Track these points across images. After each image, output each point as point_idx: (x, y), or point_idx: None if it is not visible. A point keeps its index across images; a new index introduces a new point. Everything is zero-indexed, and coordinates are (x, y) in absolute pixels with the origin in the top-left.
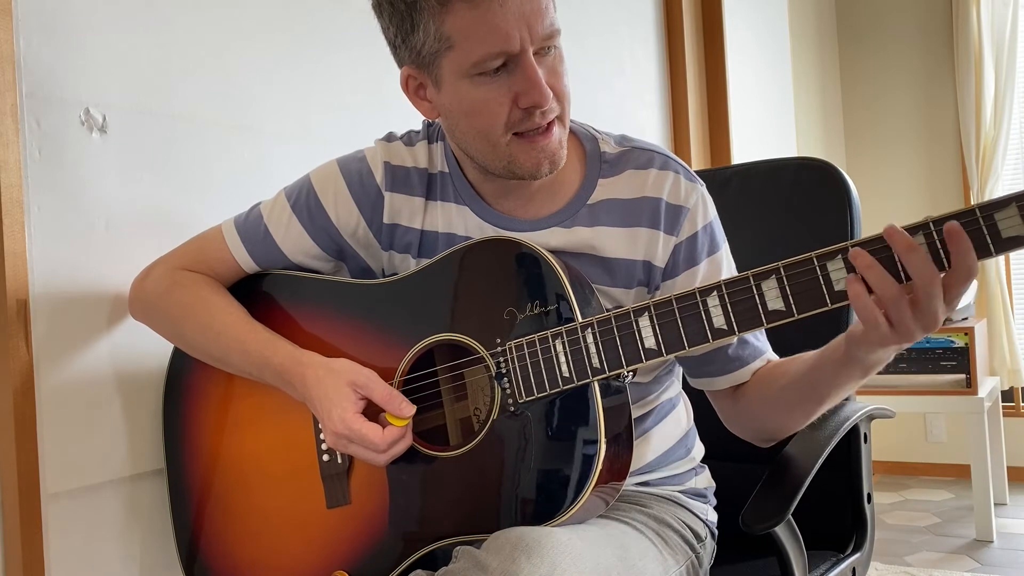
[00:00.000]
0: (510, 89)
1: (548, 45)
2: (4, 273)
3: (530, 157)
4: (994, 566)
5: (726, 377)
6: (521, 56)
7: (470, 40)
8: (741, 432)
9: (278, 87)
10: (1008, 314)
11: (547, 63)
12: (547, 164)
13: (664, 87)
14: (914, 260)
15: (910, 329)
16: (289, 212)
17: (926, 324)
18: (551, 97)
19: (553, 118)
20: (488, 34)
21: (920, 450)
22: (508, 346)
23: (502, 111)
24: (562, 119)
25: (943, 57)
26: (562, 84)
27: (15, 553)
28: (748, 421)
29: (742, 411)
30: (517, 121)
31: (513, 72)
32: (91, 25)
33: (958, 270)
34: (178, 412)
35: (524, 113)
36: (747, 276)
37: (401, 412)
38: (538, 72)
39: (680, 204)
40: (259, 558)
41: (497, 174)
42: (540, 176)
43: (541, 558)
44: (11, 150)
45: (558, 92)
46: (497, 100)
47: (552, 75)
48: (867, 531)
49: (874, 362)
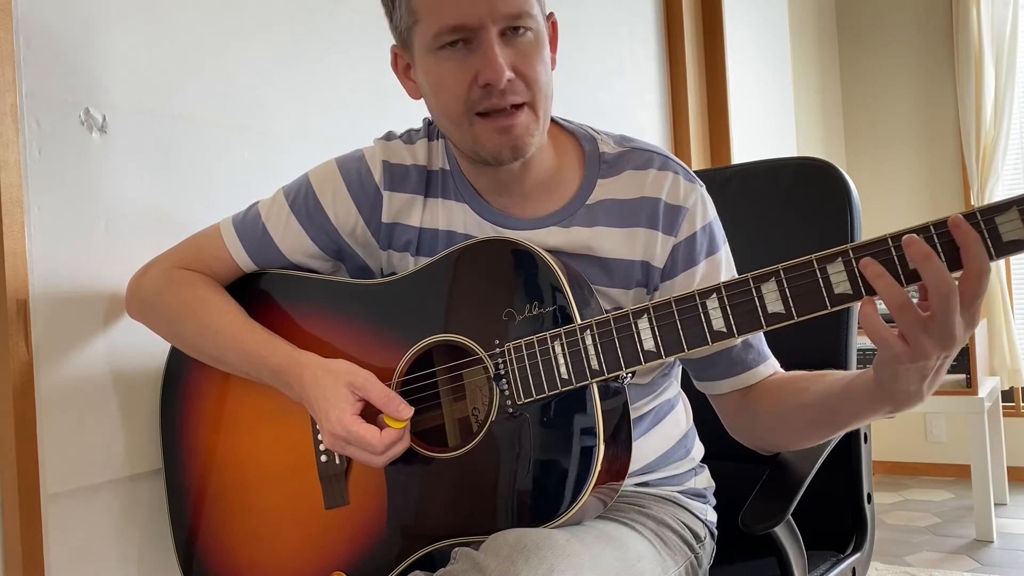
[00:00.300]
0: (471, 66)
1: (517, 26)
2: (4, 273)
3: (491, 139)
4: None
5: (729, 381)
6: (481, 32)
7: (431, 13)
8: (744, 439)
9: (278, 87)
10: (1008, 314)
11: (517, 45)
12: (509, 149)
13: (664, 87)
14: (930, 269)
15: (923, 344)
16: (287, 211)
17: (944, 339)
18: (506, 76)
19: (521, 103)
20: (446, 6)
21: (920, 450)
22: (507, 347)
23: (461, 88)
24: (533, 107)
25: (943, 57)
26: (533, 70)
27: (15, 553)
28: (754, 430)
29: (749, 419)
30: (477, 100)
31: (475, 49)
32: (91, 25)
33: (969, 267)
34: (176, 412)
35: (483, 92)
36: (747, 278)
37: (399, 414)
38: (495, 49)
39: (679, 204)
40: (257, 558)
41: (470, 157)
42: (503, 161)
43: (539, 560)
44: (11, 150)
45: (526, 77)
46: (457, 76)
47: (521, 58)
48: (867, 531)
49: (902, 394)
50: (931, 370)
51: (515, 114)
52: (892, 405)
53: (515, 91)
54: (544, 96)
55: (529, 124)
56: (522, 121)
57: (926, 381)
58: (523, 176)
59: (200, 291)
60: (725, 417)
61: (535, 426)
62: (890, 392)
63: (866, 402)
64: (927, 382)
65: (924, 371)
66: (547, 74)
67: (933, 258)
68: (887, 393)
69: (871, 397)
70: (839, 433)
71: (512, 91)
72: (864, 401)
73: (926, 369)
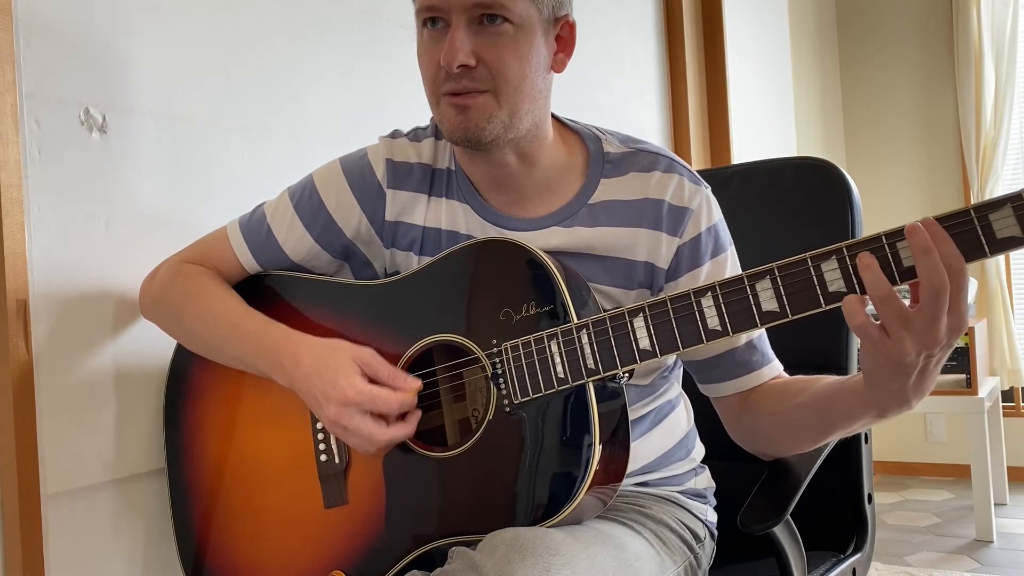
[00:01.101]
0: (440, 48)
1: (493, 14)
2: (4, 273)
3: (448, 117)
4: (994, 566)
5: (731, 383)
6: (451, 15)
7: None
8: (745, 443)
9: (278, 87)
10: (1008, 314)
11: (488, 34)
12: (461, 130)
13: (664, 87)
14: (927, 262)
15: (902, 338)
16: (292, 212)
17: (925, 337)
18: (459, 61)
19: (484, 89)
20: None
21: (920, 450)
22: (504, 347)
23: (432, 67)
24: (497, 96)
25: (943, 57)
26: (499, 60)
27: (15, 553)
28: (754, 432)
29: (750, 422)
30: (441, 80)
31: (448, 33)
32: (91, 25)
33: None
34: (179, 412)
35: (443, 74)
36: (741, 277)
37: (408, 385)
38: (456, 35)
39: (684, 205)
40: (257, 558)
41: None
42: (456, 141)
43: (535, 559)
44: (11, 150)
45: (491, 65)
46: (429, 55)
47: (488, 48)
48: (867, 531)
49: (886, 393)
50: (913, 368)
51: (473, 96)
52: (878, 406)
53: (474, 78)
54: (512, 88)
55: (489, 109)
56: (480, 103)
57: (910, 381)
58: (525, 175)
59: (203, 282)
60: (727, 421)
61: (532, 425)
62: (875, 389)
63: (855, 403)
64: (911, 382)
65: (905, 368)
66: (521, 67)
67: (933, 252)
68: (873, 390)
69: (860, 398)
70: (832, 437)
71: (470, 77)
72: (853, 402)
73: (906, 366)
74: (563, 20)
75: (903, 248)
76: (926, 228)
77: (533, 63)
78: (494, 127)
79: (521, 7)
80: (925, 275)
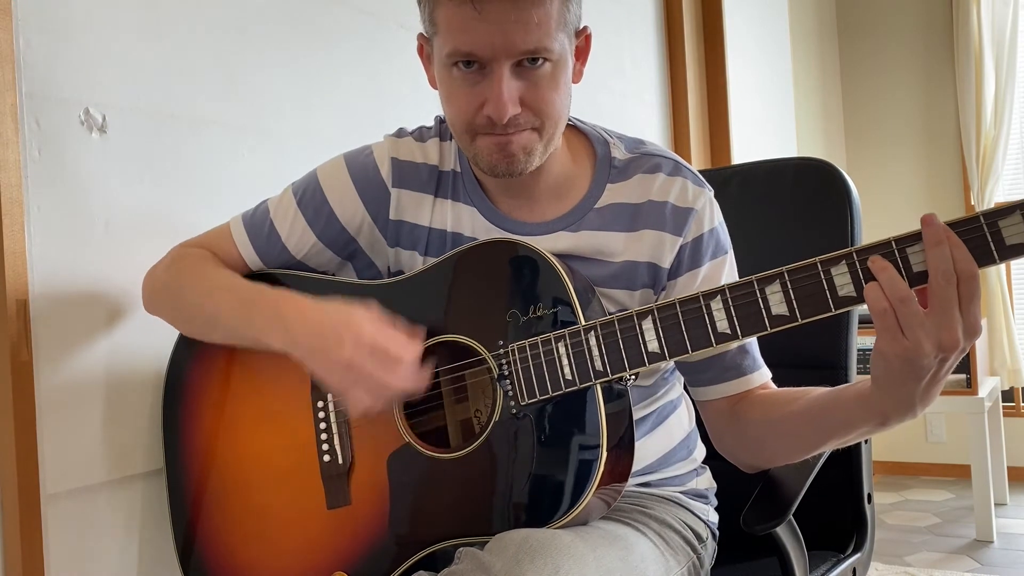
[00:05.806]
0: (481, 92)
1: (535, 57)
2: (4, 273)
3: (489, 154)
4: (994, 566)
5: (720, 387)
6: (493, 64)
7: (448, 32)
8: (730, 453)
9: (278, 87)
10: (1008, 314)
11: (531, 77)
12: (504, 166)
13: (664, 87)
14: (939, 254)
15: (919, 338)
16: (295, 209)
17: (941, 336)
18: (510, 113)
19: (526, 128)
20: (460, 32)
21: (920, 450)
22: (511, 348)
23: (468, 109)
24: (539, 130)
25: (943, 57)
26: (543, 101)
27: (15, 553)
28: (741, 439)
29: (737, 429)
30: (481, 124)
31: (488, 75)
32: (91, 25)
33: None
34: (178, 412)
35: (487, 120)
36: (751, 280)
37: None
38: (503, 86)
39: (688, 206)
40: (259, 559)
41: (472, 162)
42: (497, 175)
43: (545, 560)
44: (11, 150)
45: (535, 107)
46: (467, 98)
47: (532, 90)
48: (867, 531)
49: (895, 397)
50: (927, 371)
51: (516, 132)
52: (882, 413)
53: (518, 123)
54: (553, 122)
55: (530, 144)
56: (523, 140)
57: (920, 385)
58: (534, 180)
59: (204, 261)
60: (714, 429)
61: (538, 427)
62: (883, 393)
63: (856, 410)
64: (921, 387)
65: (919, 371)
66: (561, 100)
67: (944, 245)
68: (881, 394)
69: (863, 404)
70: (825, 448)
71: (515, 123)
72: (854, 409)
73: (921, 368)
74: (583, 33)
75: (913, 253)
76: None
77: (568, 89)
78: (533, 159)
79: (558, 43)
80: (936, 264)
